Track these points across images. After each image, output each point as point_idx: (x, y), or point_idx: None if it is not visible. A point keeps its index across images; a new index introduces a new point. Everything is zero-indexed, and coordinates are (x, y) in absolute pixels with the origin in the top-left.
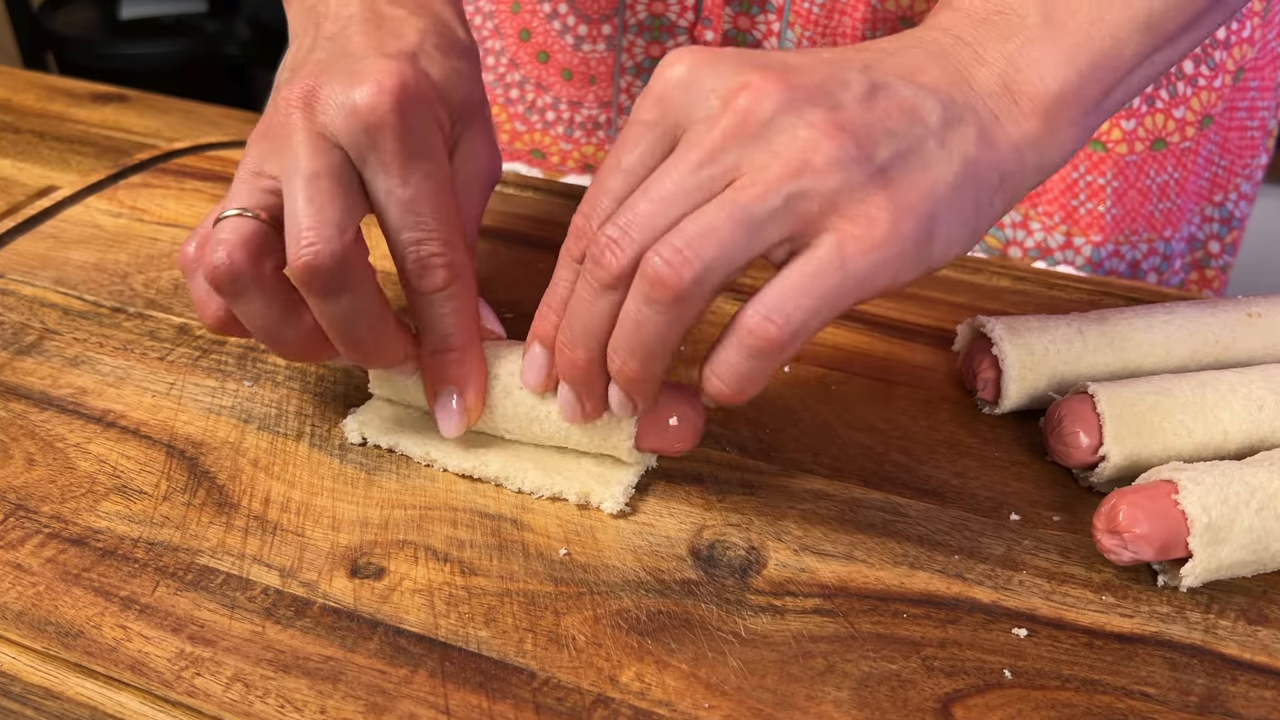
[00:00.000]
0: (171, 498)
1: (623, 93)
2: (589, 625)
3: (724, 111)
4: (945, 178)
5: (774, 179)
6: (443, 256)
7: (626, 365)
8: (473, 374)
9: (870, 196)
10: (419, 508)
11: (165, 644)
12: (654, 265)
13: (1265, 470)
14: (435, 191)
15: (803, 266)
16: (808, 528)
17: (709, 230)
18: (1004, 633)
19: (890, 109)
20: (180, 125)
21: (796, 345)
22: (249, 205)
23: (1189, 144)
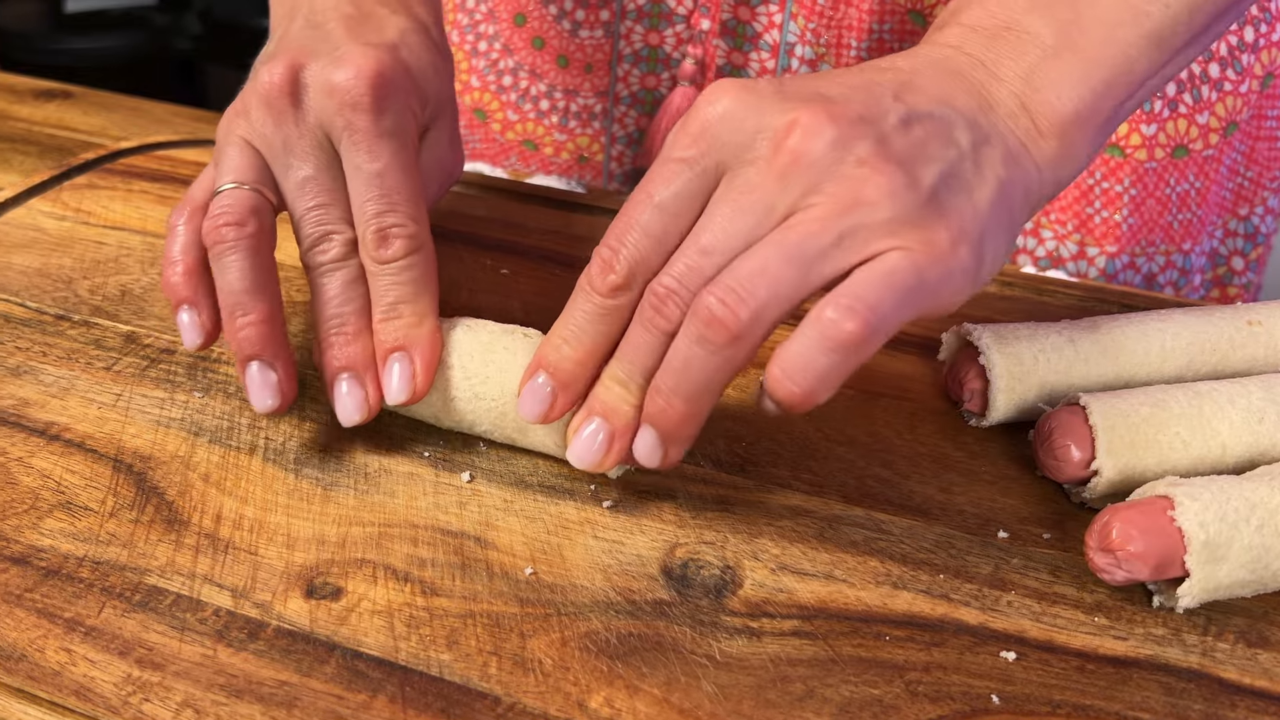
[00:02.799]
0: (118, 514)
1: (619, 81)
2: (556, 648)
3: (774, 154)
4: (986, 198)
5: (827, 215)
6: (404, 228)
7: (671, 406)
8: (426, 341)
9: (926, 221)
10: (378, 525)
11: (112, 668)
12: (708, 305)
13: (1266, 485)
14: (402, 169)
15: (877, 266)
16: (786, 546)
17: (761, 269)
18: (992, 656)
19: (928, 136)
20: (127, 123)
21: (875, 344)
22: (244, 179)
23: (1212, 152)
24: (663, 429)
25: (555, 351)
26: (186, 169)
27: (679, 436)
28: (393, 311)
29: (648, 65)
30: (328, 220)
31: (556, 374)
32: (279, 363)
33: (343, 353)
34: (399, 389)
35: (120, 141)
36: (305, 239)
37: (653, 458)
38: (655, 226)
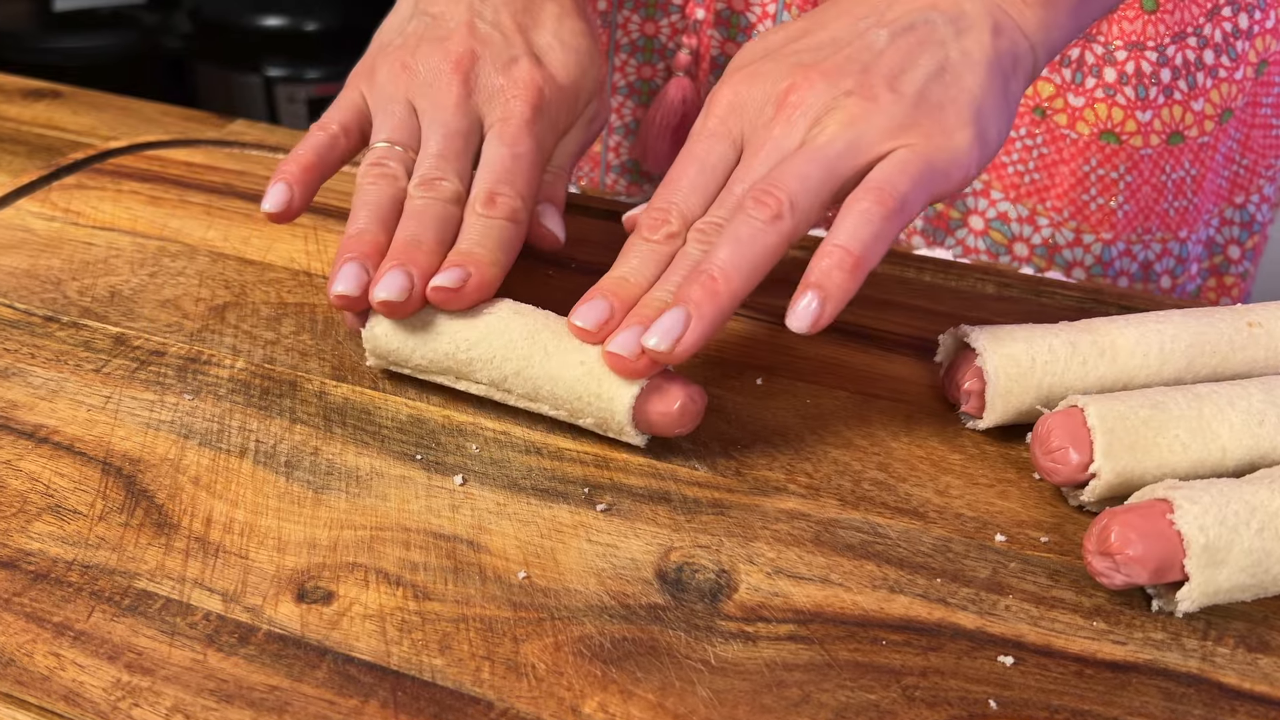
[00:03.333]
0: (108, 518)
1: (616, 71)
2: (550, 653)
3: (780, 110)
4: (978, 81)
5: (833, 132)
6: (511, 200)
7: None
8: (490, 273)
9: (920, 120)
10: (370, 528)
11: (101, 673)
12: (752, 192)
13: (1266, 488)
14: (531, 164)
15: (888, 161)
16: (781, 549)
17: (785, 170)
18: (989, 661)
19: (911, 46)
20: (117, 123)
21: (904, 218)
22: (394, 138)
23: (1208, 139)
24: (696, 299)
25: (616, 282)
26: (176, 169)
27: (704, 315)
28: (470, 248)
29: (644, 55)
30: (448, 171)
31: (617, 295)
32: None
33: (409, 256)
34: (448, 279)
35: (110, 141)
36: (419, 175)
37: (669, 337)
38: (700, 182)
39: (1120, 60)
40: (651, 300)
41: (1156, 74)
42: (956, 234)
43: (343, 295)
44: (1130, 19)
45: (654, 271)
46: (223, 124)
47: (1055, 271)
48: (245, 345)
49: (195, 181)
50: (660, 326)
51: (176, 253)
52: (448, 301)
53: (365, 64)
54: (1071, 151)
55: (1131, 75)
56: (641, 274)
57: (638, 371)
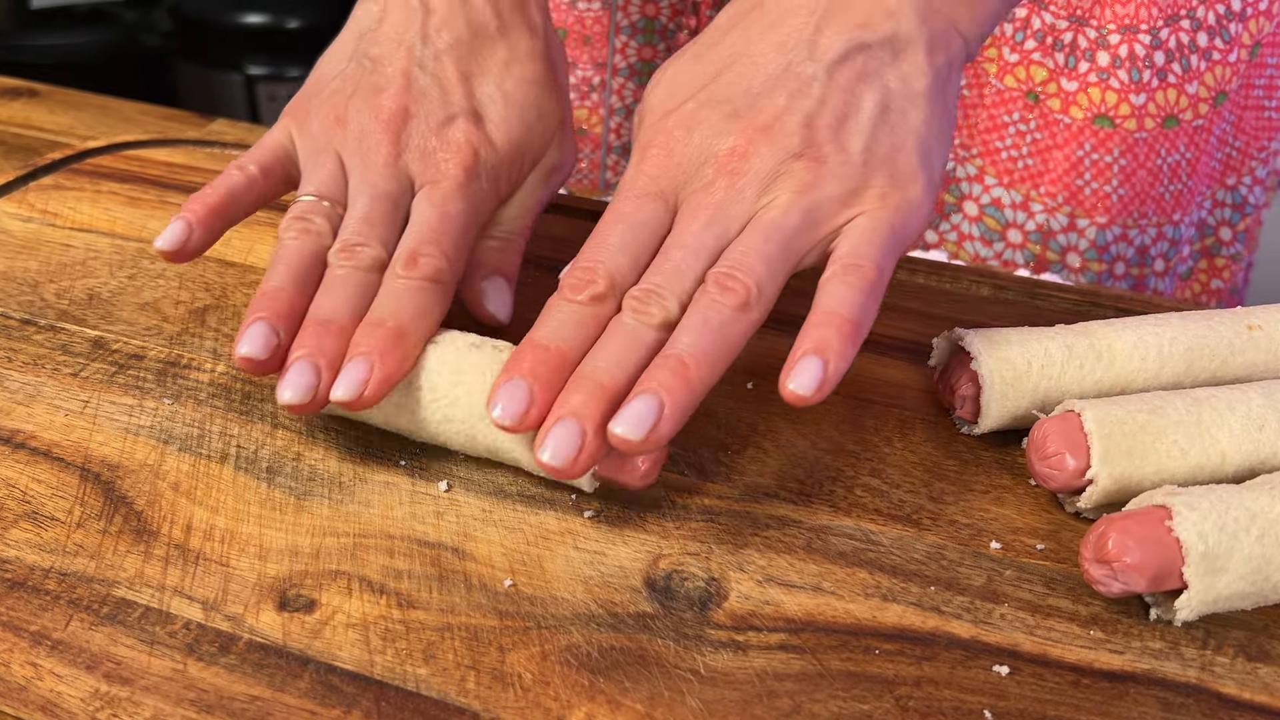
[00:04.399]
0: (86, 525)
1: (617, 53)
2: (536, 662)
3: (723, 174)
4: (920, 115)
5: (787, 204)
6: (435, 261)
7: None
8: (395, 357)
9: (872, 179)
10: (353, 535)
11: (79, 683)
12: (715, 278)
13: (1266, 495)
14: (461, 228)
15: (854, 229)
16: (772, 557)
17: (748, 251)
18: (984, 670)
19: (849, 81)
20: (95, 122)
21: (883, 286)
22: (322, 193)
23: (1202, 122)
24: (668, 385)
25: (536, 352)
26: (155, 169)
27: (677, 402)
28: (381, 319)
29: (644, 37)
30: (372, 236)
31: (537, 375)
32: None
33: (318, 342)
34: (346, 389)
35: (88, 141)
36: (342, 240)
37: (642, 425)
38: (629, 240)
39: (1113, 44)
40: (583, 378)
41: (1150, 57)
42: (951, 219)
43: (247, 358)
44: (1124, 2)
45: (576, 336)
46: (203, 123)
47: (1050, 256)
48: (226, 349)
49: (175, 182)
50: (630, 414)
51: (156, 255)
52: (351, 408)
53: (299, 104)
54: (1065, 136)
55: (1125, 58)
56: (562, 338)
57: (578, 473)
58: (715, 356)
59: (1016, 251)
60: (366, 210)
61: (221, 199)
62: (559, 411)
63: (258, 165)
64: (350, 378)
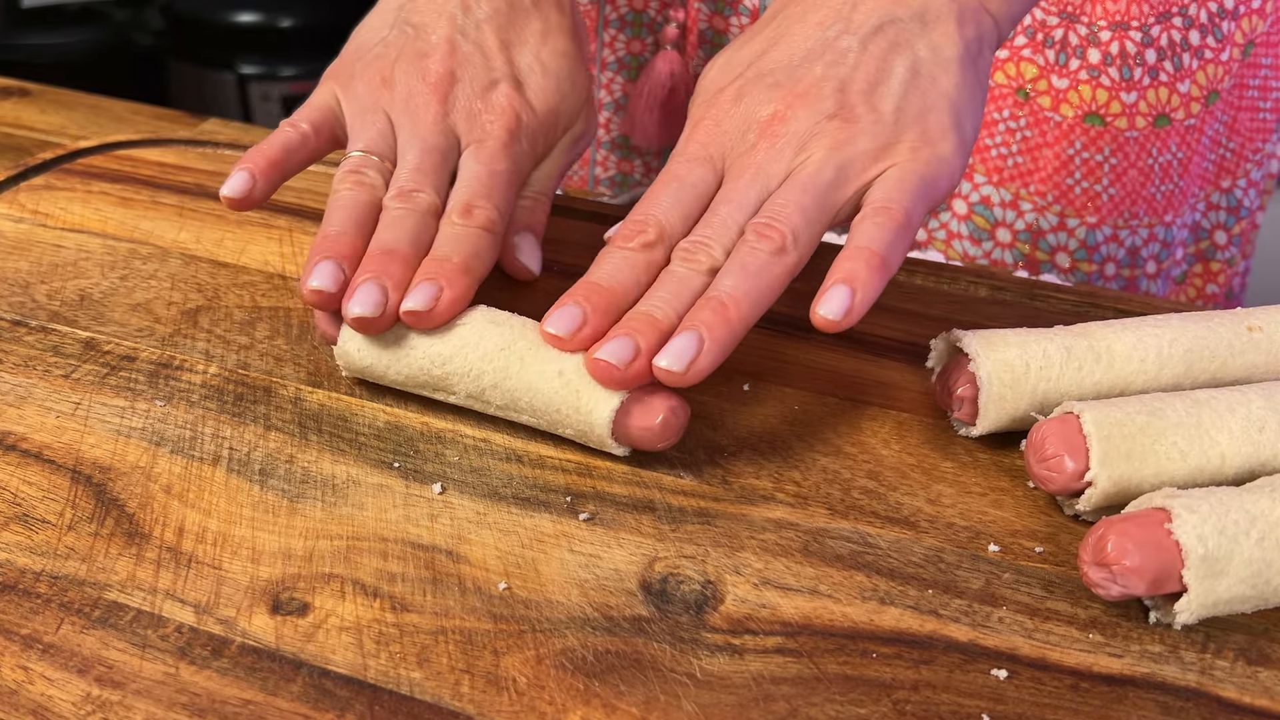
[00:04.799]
0: (77, 527)
1: (605, 47)
2: (531, 666)
3: (764, 137)
4: (951, 81)
5: (821, 159)
6: (488, 212)
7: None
8: (462, 285)
9: (903, 135)
10: (346, 538)
11: (70, 686)
12: (753, 226)
13: (1267, 497)
14: (507, 184)
15: (886, 179)
16: (769, 560)
17: (785, 202)
18: (982, 674)
19: (883, 53)
20: (87, 122)
21: (912, 232)
22: (371, 149)
23: (1194, 121)
24: (708, 322)
25: (588, 288)
26: (148, 169)
27: (716, 339)
28: (446, 255)
29: (632, 30)
30: (424, 184)
31: (590, 300)
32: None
33: (384, 266)
34: (418, 301)
35: (79, 141)
36: (397, 187)
37: (683, 358)
38: (680, 198)
39: (1104, 41)
40: (639, 313)
41: (1141, 55)
42: (940, 218)
43: (318, 290)
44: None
45: (628, 278)
46: (195, 123)
47: (1040, 256)
48: (218, 350)
49: (167, 182)
50: (673, 348)
51: (148, 255)
52: (419, 322)
53: (342, 67)
54: (1055, 134)
55: (1116, 56)
56: (615, 279)
57: (624, 381)
58: (754, 297)
59: (1006, 251)
60: (419, 161)
61: (280, 152)
62: (617, 330)
63: (309, 123)
64: (421, 294)
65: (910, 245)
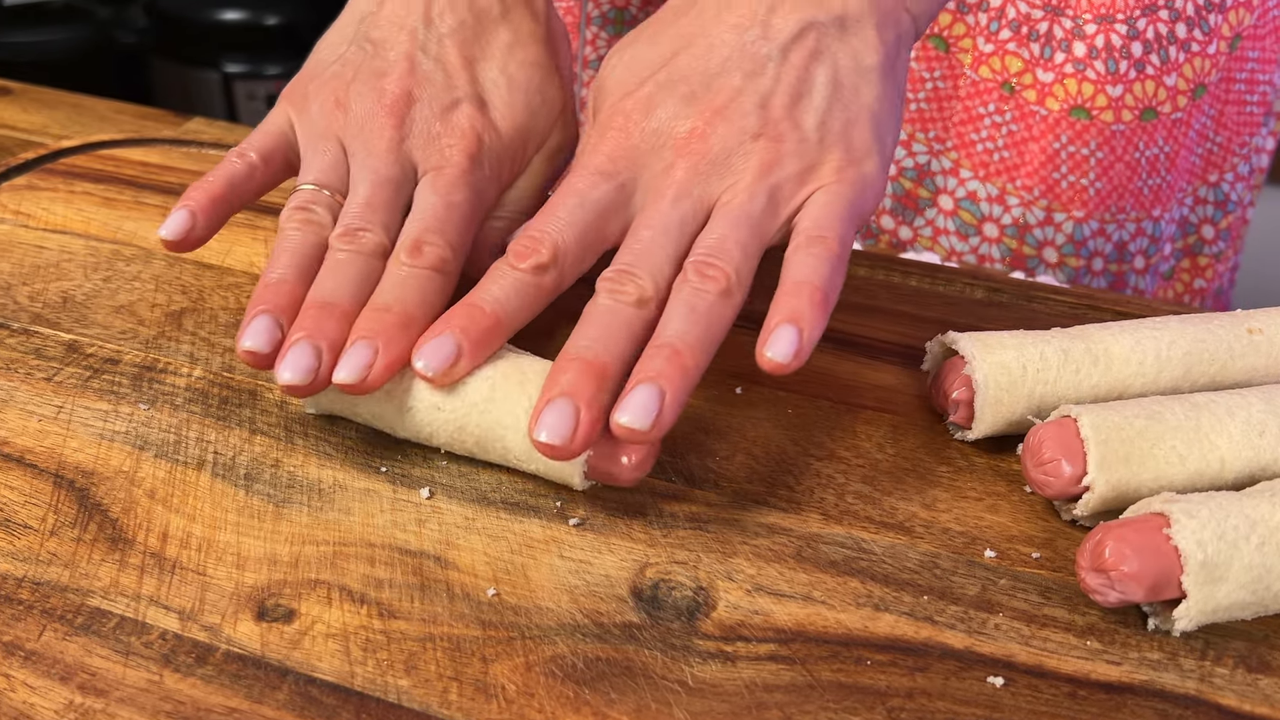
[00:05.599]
0: (60, 533)
1: (588, 44)
2: (520, 673)
3: (683, 156)
4: (872, 91)
5: (750, 186)
6: (440, 250)
7: (677, 353)
8: (399, 343)
9: (827, 155)
10: (333, 544)
11: (52, 694)
12: (695, 266)
13: (1267, 502)
14: (465, 217)
15: (814, 203)
16: (761, 566)
17: (723, 237)
18: (978, 682)
19: (803, 59)
20: (69, 121)
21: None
22: (322, 181)
23: (1181, 115)
24: (666, 374)
25: (467, 312)
26: (131, 169)
27: (675, 390)
28: (386, 305)
29: (615, 28)
30: (373, 221)
31: (467, 331)
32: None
33: (318, 324)
34: (349, 372)
35: (61, 140)
36: (343, 225)
37: (647, 414)
38: (579, 219)
39: (1089, 34)
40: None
41: (1127, 47)
42: (925, 214)
43: (251, 351)
44: None
45: (514, 305)
46: (179, 122)
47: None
48: (203, 353)
49: (151, 182)
50: (634, 404)
51: (131, 256)
52: (352, 392)
53: (298, 87)
54: (1041, 128)
55: (1101, 49)
56: (500, 305)
57: (576, 452)
58: (705, 341)
59: (993, 246)
60: (369, 195)
61: (223, 187)
62: (549, 393)
63: (258, 152)
64: (354, 361)
65: (845, 271)
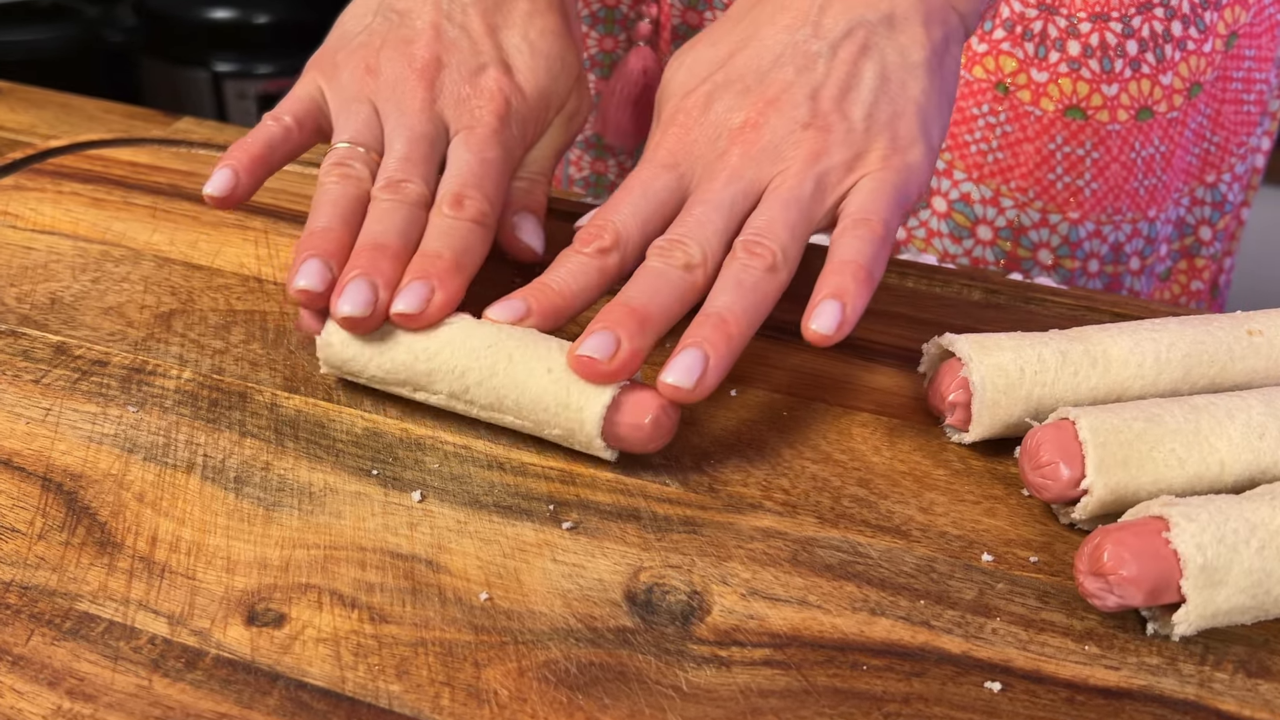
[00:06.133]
0: (48, 536)
1: None
2: (513, 678)
3: (737, 143)
4: (919, 85)
5: (799, 172)
6: (479, 203)
7: (724, 319)
8: (454, 284)
9: (874, 143)
10: (323, 547)
11: (41, 699)
12: (743, 243)
13: (1267, 505)
14: (499, 172)
15: (861, 189)
16: (756, 570)
17: (771, 219)
18: (975, 687)
19: (852, 55)
20: (57, 121)
21: (890, 241)
22: (357, 140)
23: (1177, 114)
24: (711, 339)
25: (537, 288)
26: (120, 169)
27: (719, 355)
28: (437, 252)
29: (605, 27)
30: (413, 174)
31: (538, 300)
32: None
33: (373, 263)
34: (409, 303)
35: (49, 140)
36: (384, 178)
37: (690, 374)
38: (641, 207)
39: (1084, 33)
40: (617, 305)
41: (1122, 46)
42: (919, 215)
43: (304, 290)
44: None
45: (579, 283)
46: (169, 121)
47: (1021, 253)
48: (193, 355)
49: (140, 182)
50: (679, 365)
51: (120, 257)
52: (410, 323)
53: (325, 57)
54: (1036, 129)
55: (1096, 48)
56: (565, 283)
57: (611, 375)
58: (751, 313)
59: (987, 248)
60: (406, 150)
61: (262, 148)
62: (595, 326)
63: (293, 116)
64: (413, 294)
65: (889, 253)
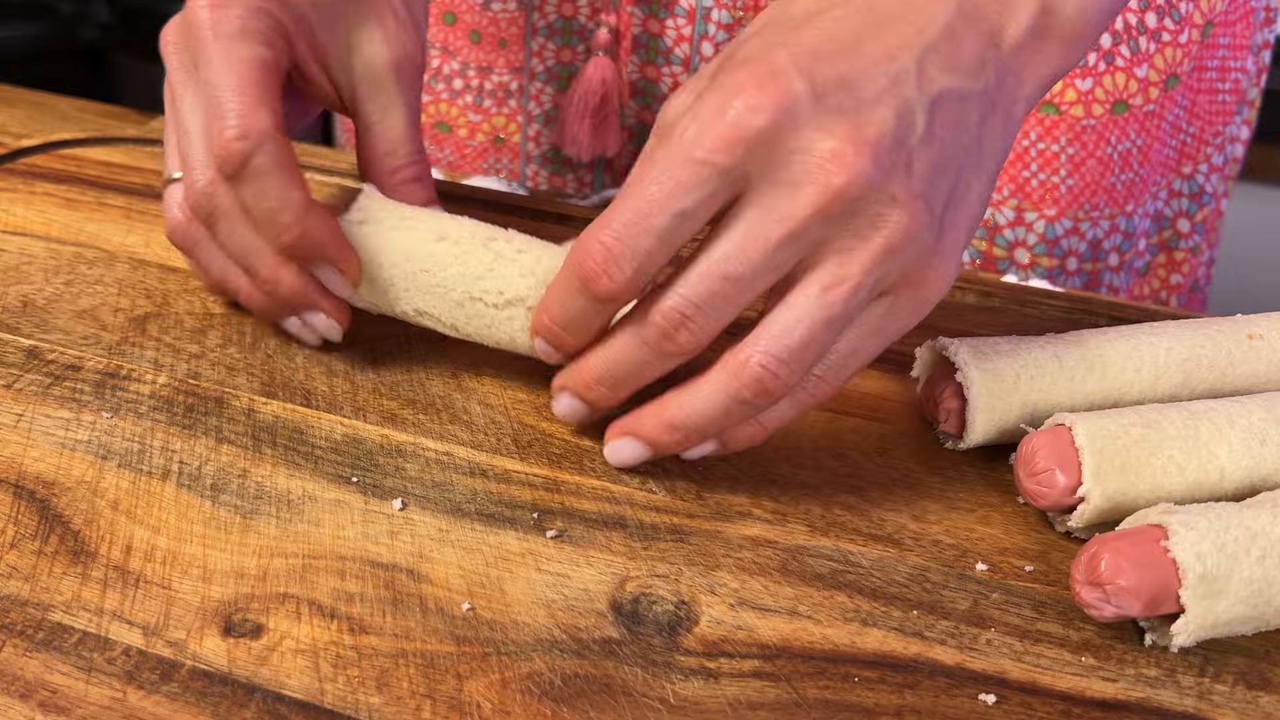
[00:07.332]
0: (19, 545)
1: (534, 56)
2: (496, 690)
3: (809, 185)
4: (984, 189)
5: (866, 265)
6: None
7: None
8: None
9: (932, 260)
10: (302, 556)
11: (12, 712)
12: (754, 373)
13: (1268, 513)
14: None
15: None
16: (745, 579)
17: (807, 341)
18: (969, 699)
19: (945, 130)
20: (29, 119)
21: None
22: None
23: (1153, 107)
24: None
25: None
26: (93, 169)
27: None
28: (274, 223)
29: (562, 38)
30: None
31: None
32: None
33: (275, 288)
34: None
35: (21, 139)
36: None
37: (619, 459)
38: (672, 234)
39: None
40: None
41: None
42: None
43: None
44: None
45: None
46: (144, 120)
47: (998, 253)
48: (168, 359)
49: (114, 183)
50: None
51: (94, 259)
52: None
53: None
54: None
55: None
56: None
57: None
58: (788, 423)
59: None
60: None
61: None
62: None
63: None
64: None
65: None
